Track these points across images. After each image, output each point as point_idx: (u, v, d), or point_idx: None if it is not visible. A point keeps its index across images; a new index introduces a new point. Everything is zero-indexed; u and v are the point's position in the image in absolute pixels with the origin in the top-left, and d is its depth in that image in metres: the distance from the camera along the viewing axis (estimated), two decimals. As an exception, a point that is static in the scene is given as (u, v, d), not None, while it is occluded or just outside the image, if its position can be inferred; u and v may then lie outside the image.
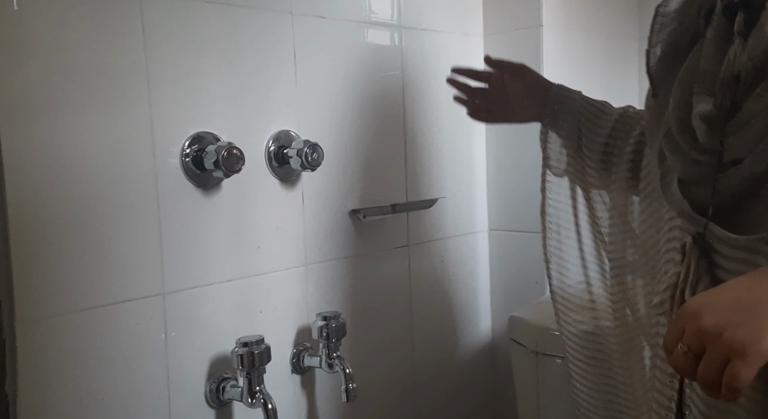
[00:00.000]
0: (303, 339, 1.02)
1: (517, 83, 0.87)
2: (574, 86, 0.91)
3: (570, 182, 0.88)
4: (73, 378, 0.77)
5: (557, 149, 0.87)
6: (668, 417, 0.65)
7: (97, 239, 0.79)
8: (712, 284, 0.56)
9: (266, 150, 0.97)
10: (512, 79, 0.87)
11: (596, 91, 1.47)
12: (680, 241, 0.61)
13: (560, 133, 0.86)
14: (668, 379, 0.66)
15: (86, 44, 0.78)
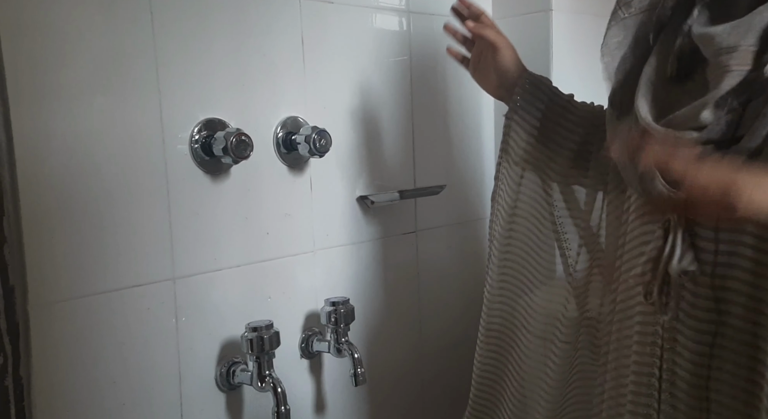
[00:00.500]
0: (311, 324, 1.03)
1: (488, 61, 0.88)
2: (583, 71, 0.91)
3: (526, 172, 0.90)
4: (86, 361, 0.79)
5: (519, 139, 0.89)
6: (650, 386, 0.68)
7: (107, 224, 0.80)
8: (695, 258, 0.63)
9: (274, 136, 0.97)
10: (486, 53, 0.87)
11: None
12: (659, 220, 0.66)
13: (524, 125, 0.88)
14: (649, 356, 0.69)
15: (95, 30, 0.78)
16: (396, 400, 1.19)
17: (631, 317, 0.72)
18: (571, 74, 1.31)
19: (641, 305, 0.70)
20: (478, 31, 0.85)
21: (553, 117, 0.87)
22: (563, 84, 1.28)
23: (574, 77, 1.32)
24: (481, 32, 0.85)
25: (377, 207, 1.13)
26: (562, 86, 1.27)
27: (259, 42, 0.95)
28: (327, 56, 1.04)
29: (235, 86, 0.92)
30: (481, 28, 0.85)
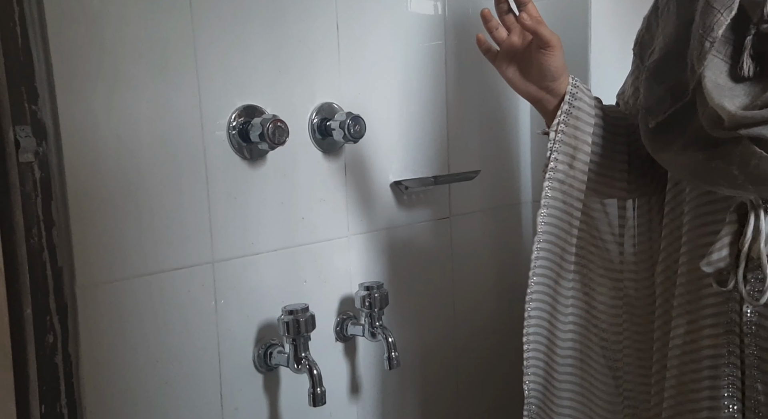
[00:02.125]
0: (346, 308, 1.04)
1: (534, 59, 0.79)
2: (624, 53, 0.88)
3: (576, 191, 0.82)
4: (129, 340, 0.81)
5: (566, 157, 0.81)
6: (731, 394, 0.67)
7: (149, 209, 0.82)
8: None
9: (310, 122, 0.98)
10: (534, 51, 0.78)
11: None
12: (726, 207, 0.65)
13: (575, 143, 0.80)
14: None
15: (136, 18, 0.80)
16: (430, 384, 1.20)
17: (702, 308, 0.71)
18: (609, 57, 1.28)
19: (713, 296, 0.69)
20: (534, 26, 0.76)
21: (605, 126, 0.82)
22: (602, 68, 1.25)
23: (612, 60, 1.29)
24: (537, 29, 0.76)
25: (411, 192, 1.13)
26: (601, 70, 1.24)
27: (295, 28, 0.95)
28: (362, 42, 1.04)
29: (271, 73, 0.93)
30: (537, 23, 0.77)
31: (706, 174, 0.63)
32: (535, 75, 0.80)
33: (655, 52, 0.73)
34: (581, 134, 0.80)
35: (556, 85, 0.79)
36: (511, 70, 0.81)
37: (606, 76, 1.28)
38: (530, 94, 0.82)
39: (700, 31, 0.62)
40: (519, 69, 0.81)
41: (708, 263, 0.65)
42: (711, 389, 0.70)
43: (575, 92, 0.80)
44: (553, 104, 0.81)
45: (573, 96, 0.79)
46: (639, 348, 0.85)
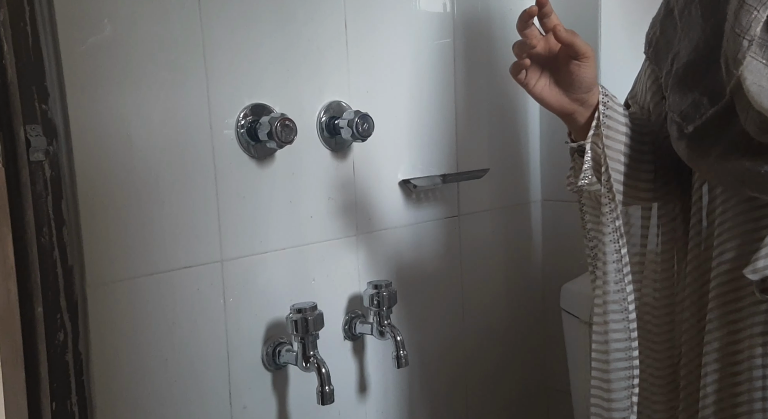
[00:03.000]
0: (354, 307, 1.04)
1: (567, 72, 0.73)
2: (634, 50, 0.87)
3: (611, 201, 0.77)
4: (139, 339, 0.82)
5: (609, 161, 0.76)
6: None
7: (158, 208, 0.83)
8: None
9: (318, 121, 0.98)
10: (568, 63, 0.72)
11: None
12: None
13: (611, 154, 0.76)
14: None
15: (145, 17, 0.80)
16: (439, 383, 1.19)
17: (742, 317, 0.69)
18: (619, 56, 1.27)
19: (754, 305, 0.67)
20: (570, 38, 0.70)
21: (633, 135, 0.78)
22: (611, 67, 1.24)
23: (622, 59, 1.28)
24: (574, 40, 0.70)
25: (420, 191, 1.13)
26: (611, 69, 1.24)
27: (304, 27, 0.95)
28: (370, 40, 1.04)
29: (279, 71, 0.93)
30: (573, 35, 0.71)
31: (756, 181, 0.60)
32: (566, 87, 0.74)
33: (680, 57, 0.71)
34: (615, 143, 0.76)
35: (588, 97, 0.74)
36: (541, 85, 0.74)
37: (616, 76, 1.27)
38: (562, 107, 0.75)
39: (735, 30, 0.60)
40: (548, 82, 0.74)
41: (753, 271, 0.63)
42: (750, 397, 0.68)
43: (607, 102, 0.75)
44: (585, 116, 0.76)
45: (605, 106, 0.75)
46: (655, 357, 0.83)
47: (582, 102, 0.74)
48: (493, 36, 1.24)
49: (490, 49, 1.24)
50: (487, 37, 1.24)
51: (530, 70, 0.73)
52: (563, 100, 0.74)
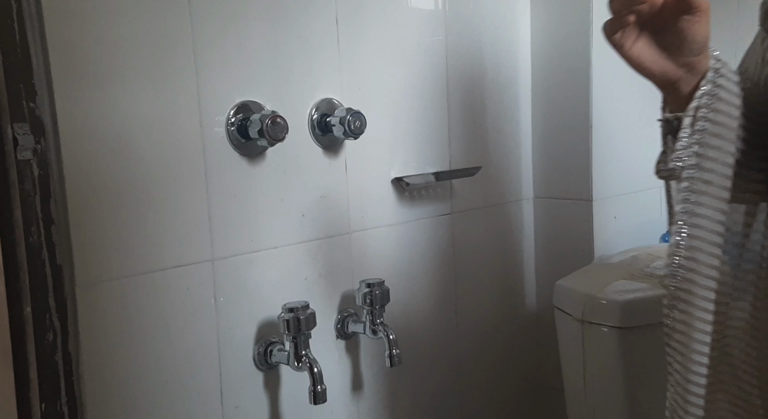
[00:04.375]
0: (347, 305, 1.04)
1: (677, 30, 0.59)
2: None
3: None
4: (130, 339, 0.81)
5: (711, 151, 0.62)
6: None
7: (148, 206, 0.82)
8: None
9: (309, 118, 0.97)
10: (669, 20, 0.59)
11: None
12: None
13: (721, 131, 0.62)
14: None
15: (135, 14, 0.80)
16: (432, 381, 1.19)
17: None
18: (611, 51, 1.27)
19: None
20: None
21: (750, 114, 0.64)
22: (604, 63, 1.24)
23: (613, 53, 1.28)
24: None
25: (412, 189, 1.13)
26: (603, 66, 1.24)
27: (295, 24, 0.95)
28: (362, 37, 1.04)
29: (270, 69, 0.93)
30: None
31: None
32: (672, 49, 0.60)
33: None
34: (726, 119, 0.62)
35: (698, 61, 0.61)
36: (639, 46, 0.61)
37: (610, 69, 1.27)
38: (665, 73, 0.62)
39: None
40: (649, 43, 0.61)
41: None
42: None
43: (719, 68, 0.62)
44: (691, 85, 0.62)
45: (717, 73, 0.61)
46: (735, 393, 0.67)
47: (690, 67, 0.61)
48: (484, 33, 1.24)
49: (482, 47, 1.24)
50: (479, 34, 1.23)
51: (628, 29, 0.61)
52: (667, 65, 0.61)
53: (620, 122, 1.31)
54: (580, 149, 1.26)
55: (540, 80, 1.32)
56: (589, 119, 1.24)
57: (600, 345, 1.09)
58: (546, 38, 1.30)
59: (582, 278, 1.17)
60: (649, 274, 1.14)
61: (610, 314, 1.06)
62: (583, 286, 1.12)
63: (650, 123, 1.51)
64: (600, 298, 1.08)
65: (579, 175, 1.27)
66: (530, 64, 1.33)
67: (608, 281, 1.12)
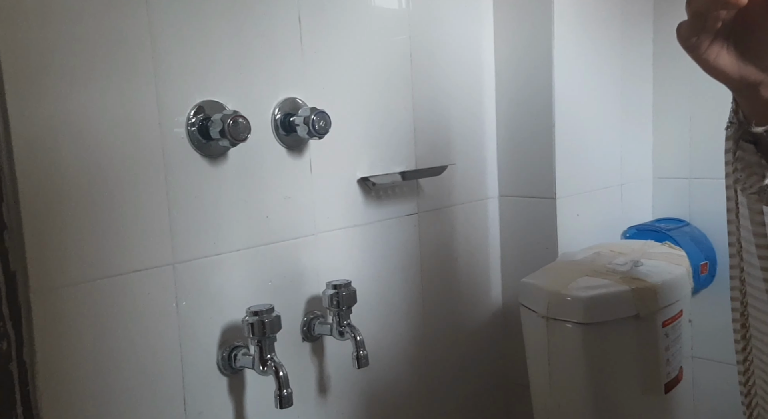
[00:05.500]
0: (313, 307, 1.03)
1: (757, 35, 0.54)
2: (587, 46, 0.86)
3: None
4: (88, 345, 0.79)
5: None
6: None
7: (106, 209, 0.80)
8: None
9: (272, 118, 0.96)
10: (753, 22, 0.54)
11: (611, 51, 1.44)
12: None
13: None
14: None
15: (90, 13, 0.77)
16: (400, 381, 1.19)
17: None
18: (572, 53, 1.29)
19: None
20: None
21: None
22: (566, 63, 1.26)
23: (574, 55, 1.30)
24: None
25: (379, 189, 1.13)
26: (565, 66, 1.25)
27: (256, 23, 0.93)
28: (325, 36, 1.03)
29: (231, 68, 0.91)
30: None
31: None
32: (753, 52, 0.55)
33: None
34: None
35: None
36: (716, 49, 0.55)
37: (569, 70, 1.29)
38: (744, 78, 0.56)
39: None
40: (726, 46, 0.55)
41: None
42: None
43: None
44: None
45: None
46: None
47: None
48: (448, 33, 1.25)
49: (446, 46, 1.25)
50: (443, 33, 1.24)
51: (718, 39, 0.55)
52: (747, 69, 0.55)
53: (582, 121, 1.34)
54: (544, 148, 1.28)
55: (504, 80, 1.33)
56: (551, 118, 1.26)
57: (564, 341, 1.10)
58: (509, 39, 1.31)
59: (546, 276, 1.18)
60: (612, 270, 1.16)
61: (574, 310, 1.08)
62: (548, 283, 1.14)
63: (610, 123, 1.55)
64: (564, 295, 1.09)
65: (543, 173, 1.29)
66: (494, 64, 1.34)
67: (572, 278, 1.13)
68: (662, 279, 1.13)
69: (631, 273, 1.15)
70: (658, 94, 1.53)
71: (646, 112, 1.53)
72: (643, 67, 1.49)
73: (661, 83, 1.50)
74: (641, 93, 1.51)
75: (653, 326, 1.11)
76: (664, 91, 1.51)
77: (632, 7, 1.43)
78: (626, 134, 1.47)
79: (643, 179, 1.55)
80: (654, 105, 1.54)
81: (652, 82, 1.52)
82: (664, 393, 1.14)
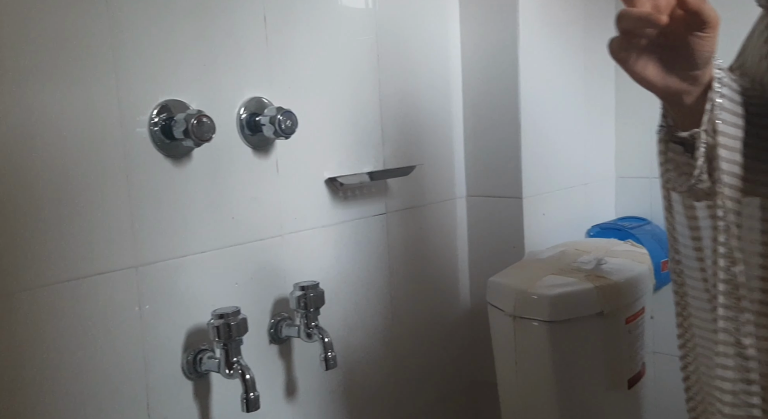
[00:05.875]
0: (281, 309, 1.02)
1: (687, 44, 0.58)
2: (551, 47, 0.86)
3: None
4: (49, 351, 0.76)
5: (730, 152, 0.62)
6: None
7: (65, 212, 0.77)
8: None
9: (238, 118, 0.95)
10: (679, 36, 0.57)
11: (575, 52, 1.46)
12: None
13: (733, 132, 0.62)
14: None
15: (47, 6, 0.75)
16: (368, 381, 1.19)
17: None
18: (537, 53, 1.30)
19: None
20: (698, 5, 0.55)
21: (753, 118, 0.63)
22: (531, 65, 1.27)
23: (539, 56, 1.31)
24: (701, 8, 0.56)
25: (347, 189, 1.12)
26: (530, 67, 1.27)
27: (221, 21, 0.92)
28: (291, 35, 1.01)
29: (195, 66, 0.89)
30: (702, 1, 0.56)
31: None
32: (678, 64, 0.59)
33: None
34: (732, 129, 0.62)
35: (702, 73, 0.60)
36: (643, 62, 0.59)
37: (534, 66, 1.30)
38: (668, 88, 0.60)
39: None
40: (653, 58, 0.59)
41: None
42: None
43: (722, 78, 0.61)
44: (694, 96, 0.61)
45: (721, 83, 0.60)
46: None
47: (694, 80, 0.60)
48: (414, 33, 1.25)
49: (413, 46, 1.25)
50: (409, 33, 1.24)
51: (646, 51, 0.59)
52: (670, 80, 0.59)
53: (547, 122, 1.35)
54: (511, 148, 1.29)
55: (470, 81, 1.34)
56: (518, 119, 1.27)
57: (531, 339, 1.11)
58: (475, 39, 1.31)
59: (513, 274, 1.19)
60: (576, 268, 1.18)
61: (540, 308, 1.09)
62: (515, 282, 1.15)
63: (574, 124, 1.57)
64: (531, 293, 1.10)
65: (509, 173, 1.30)
66: (461, 64, 1.34)
67: (538, 277, 1.14)
68: (625, 277, 1.15)
69: (595, 271, 1.17)
70: (620, 95, 1.56)
71: (608, 113, 1.56)
72: (605, 69, 1.52)
73: (623, 85, 1.53)
74: (604, 94, 1.54)
75: (617, 322, 1.13)
76: (625, 92, 1.54)
77: (594, 8, 1.45)
78: (589, 135, 1.50)
79: (606, 179, 1.58)
80: (616, 106, 1.57)
81: (615, 83, 1.55)
82: (628, 388, 1.17)
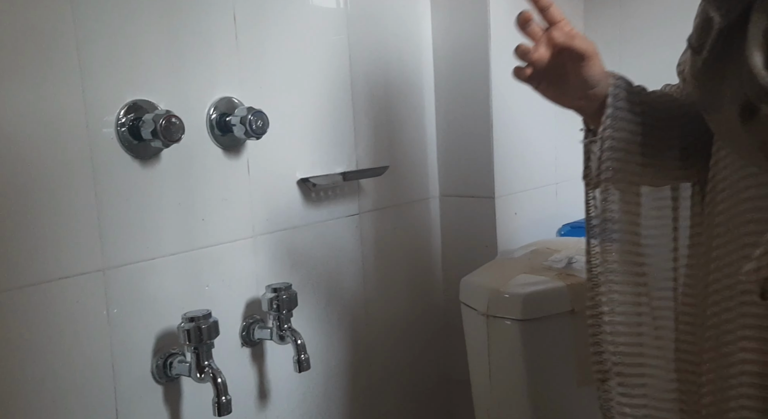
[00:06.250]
0: (253, 312, 1.01)
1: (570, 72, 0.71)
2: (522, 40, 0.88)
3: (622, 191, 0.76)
4: (14, 356, 0.74)
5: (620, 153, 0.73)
6: None
7: (30, 214, 0.75)
8: None
9: (207, 118, 0.93)
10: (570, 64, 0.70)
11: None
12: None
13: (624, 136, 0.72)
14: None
15: (7, 8, 0.72)
16: (342, 382, 1.18)
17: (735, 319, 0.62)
18: (508, 52, 1.31)
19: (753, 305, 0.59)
20: (569, 43, 0.68)
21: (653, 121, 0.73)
22: (502, 65, 1.28)
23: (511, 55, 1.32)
24: (572, 44, 0.68)
25: (319, 189, 1.11)
26: (502, 67, 1.28)
27: (189, 18, 0.90)
28: (261, 34, 1.00)
29: (163, 66, 0.88)
30: (571, 38, 0.68)
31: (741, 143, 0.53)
32: (574, 85, 0.71)
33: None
34: (630, 136, 0.72)
35: (595, 92, 0.71)
36: (544, 86, 0.73)
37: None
38: (565, 105, 0.75)
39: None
40: (552, 83, 0.72)
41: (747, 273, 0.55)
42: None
43: (617, 93, 0.71)
44: (593, 108, 0.73)
45: (615, 97, 0.71)
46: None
47: (589, 98, 0.72)
48: (386, 32, 1.25)
49: (384, 46, 1.24)
50: (381, 33, 1.24)
51: (538, 75, 0.71)
52: (564, 100, 0.74)
53: (518, 121, 1.36)
54: (483, 148, 1.30)
55: (442, 81, 1.34)
56: (489, 119, 1.28)
57: (503, 338, 1.12)
58: (447, 39, 1.32)
59: (486, 274, 1.20)
60: (548, 267, 1.19)
61: (513, 307, 1.10)
62: (487, 281, 1.16)
63: (545, 123, 1.58)
64: (503, 292, 1.11)
65: (482, 173, 1.31)
66: (432, 63, 1.35)
67: (511, 276, 1.15)
68: (595, 275, 1.17)
69: (567, 270, 1.18)
70: (590, 95, 1.57)
71: (579, 113, 1.58)
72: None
73: (593, 85, 1.55)
74: (574, 95, 1.55)
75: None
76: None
77: (564, 6, 1.47)
78: (560, 134, 1.51)
79: (577, 178, 1.59)
80: (586, 106, 1.59)
81: (585, 84, 1.57)
82: (599, 384, 1.18)
